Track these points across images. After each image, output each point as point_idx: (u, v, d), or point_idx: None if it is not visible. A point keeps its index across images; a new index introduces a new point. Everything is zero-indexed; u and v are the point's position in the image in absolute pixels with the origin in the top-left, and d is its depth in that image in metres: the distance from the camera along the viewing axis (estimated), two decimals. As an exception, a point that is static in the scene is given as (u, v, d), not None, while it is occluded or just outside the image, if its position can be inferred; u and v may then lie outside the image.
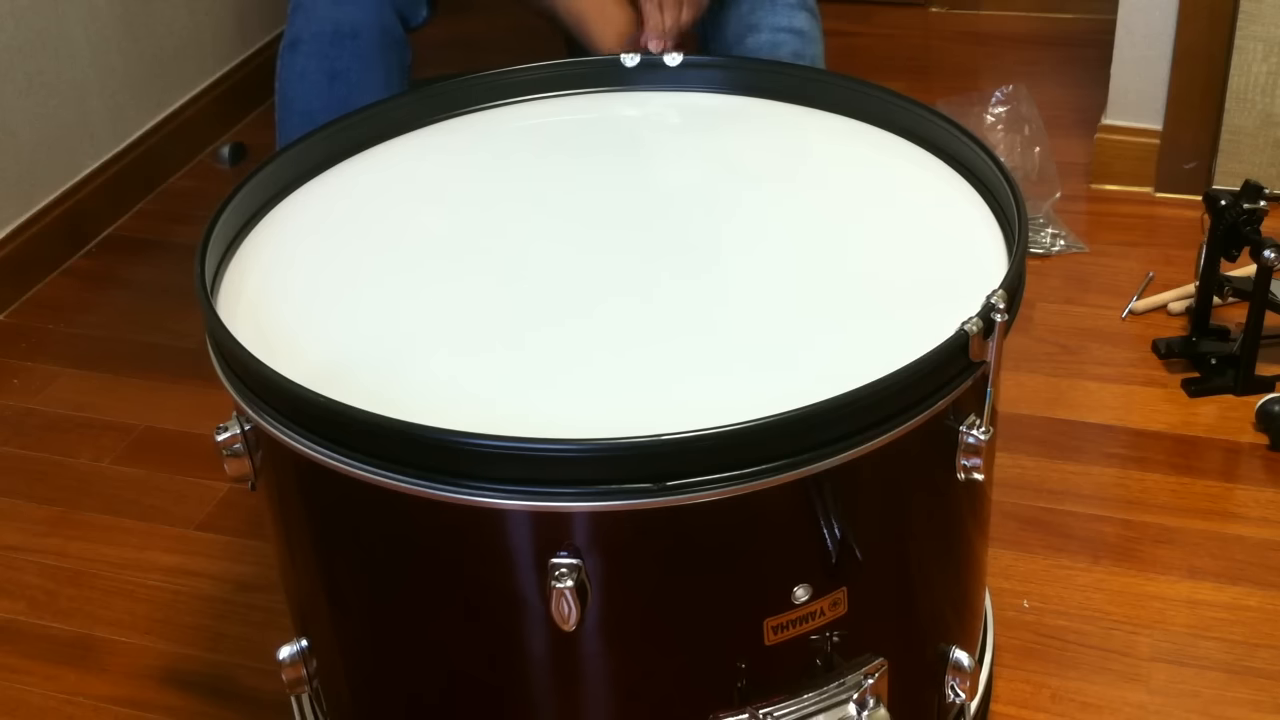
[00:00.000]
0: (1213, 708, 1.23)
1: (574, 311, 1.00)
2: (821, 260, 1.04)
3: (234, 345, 0.91)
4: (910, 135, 1.17)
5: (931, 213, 1.09)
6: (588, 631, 0.88)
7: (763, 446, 0.82)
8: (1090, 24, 2.46)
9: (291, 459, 0.92)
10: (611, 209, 1.12)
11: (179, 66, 2.28)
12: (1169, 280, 1.79)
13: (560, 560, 0.85)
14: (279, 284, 1.05)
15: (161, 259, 2.05)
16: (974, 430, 0.92)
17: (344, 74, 1.45)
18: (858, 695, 0.94)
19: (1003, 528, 1.43)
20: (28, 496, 1.60)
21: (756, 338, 0.96)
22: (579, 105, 1.28)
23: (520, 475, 0.82)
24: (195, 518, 1.54)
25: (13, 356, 1.85)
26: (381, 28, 1.46)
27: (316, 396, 0.86)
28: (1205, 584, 1.36)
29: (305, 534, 1.00)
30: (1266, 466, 1.50)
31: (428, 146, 1.23)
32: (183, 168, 2.28)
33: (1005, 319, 0.89)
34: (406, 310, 1.02)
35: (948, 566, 1.03)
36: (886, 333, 0.95)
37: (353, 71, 1.45)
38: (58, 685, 1.34)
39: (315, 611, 1.04)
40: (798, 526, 0.89)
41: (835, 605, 0.92)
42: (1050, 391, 1.63)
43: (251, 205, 1.12)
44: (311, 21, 1.46)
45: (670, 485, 0.82)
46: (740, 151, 1.21)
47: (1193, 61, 1.90)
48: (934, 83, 2.32)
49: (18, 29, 1.94)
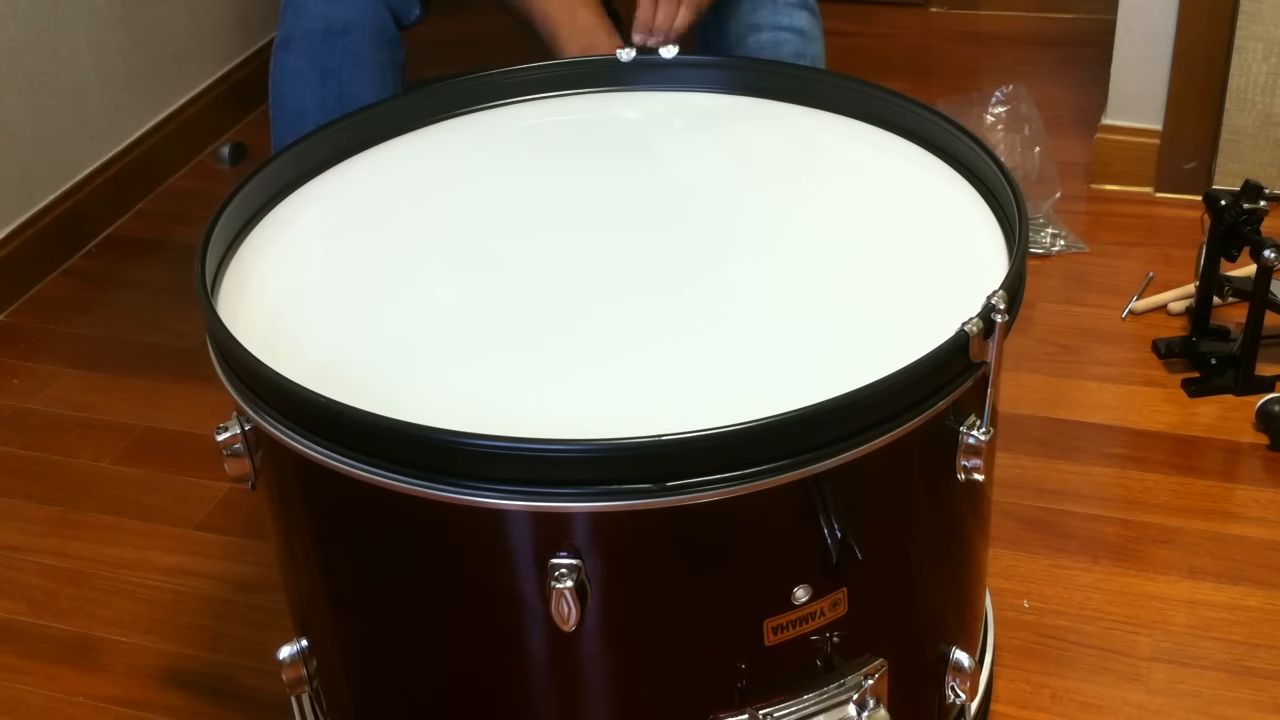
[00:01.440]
0: (1213, 708, 1.23)
1: (574, 312, 1.00)
2: (822, 260, 1.04)
3: (234, 345, 0.91)
4: (910, 135, 1.17)
5: (932, 213, 1.09)
6: (588, 632, 0.88)
7: (763, 447, 0.82)
8: (1090, 24, 2.46)
9: (291, 459, 0.92)
10: (612, 210, 1.12)
11: (179, 66, 2.28)
12: (1169, 280, 1.79)
13: (560, 560, 0.85)
14: (279, 284, 1.05)
15: (161, 259, 2.04)
16: (974, 431, 0.92)
17: (336, 72, 1.45)
18: (858, 696, 0.94)
19: (1003, 528, 1.43)
20: (28, 496, 1.59)
21: (756, 338, 0.96)
22: (579, 105, 1.28)
23: (520, 476, 0.82)
24: (195, 518, 1.54)
25: (13, 356, 1.85)
26: (374, 25, 1.46)
27: (316, 396, 0.86)
28: (1205, 584, 1.36)
29: (305, 534, 1.00)
30: (1266, 466, 1.50)
31: (428, 146, 1.23)
32: (183, 168, 2.28)
33: (1006, 319, 0.89)
34: (406, 310, 1.02)
35: (948, 567, 1.03)
36: (887, 333, 0.95)
37: (345, 69, 1.45)
38: (58, 685, 1.34)
39: (315, 611, 1.04)
40: (798, 527, 0.89)
41: (835, 606, 0.92)
42: (1050, 391, 1.63)
43: (252, 205, 1.12)
44: (303, 19, 1.46)
45: (670, 485, 0.82)
46: (741, 152, 1.21)
47: (1193, 61, 1.90)
48: (934, 83, 2.32)
49: (18, 29, 1.94)
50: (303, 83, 1.46)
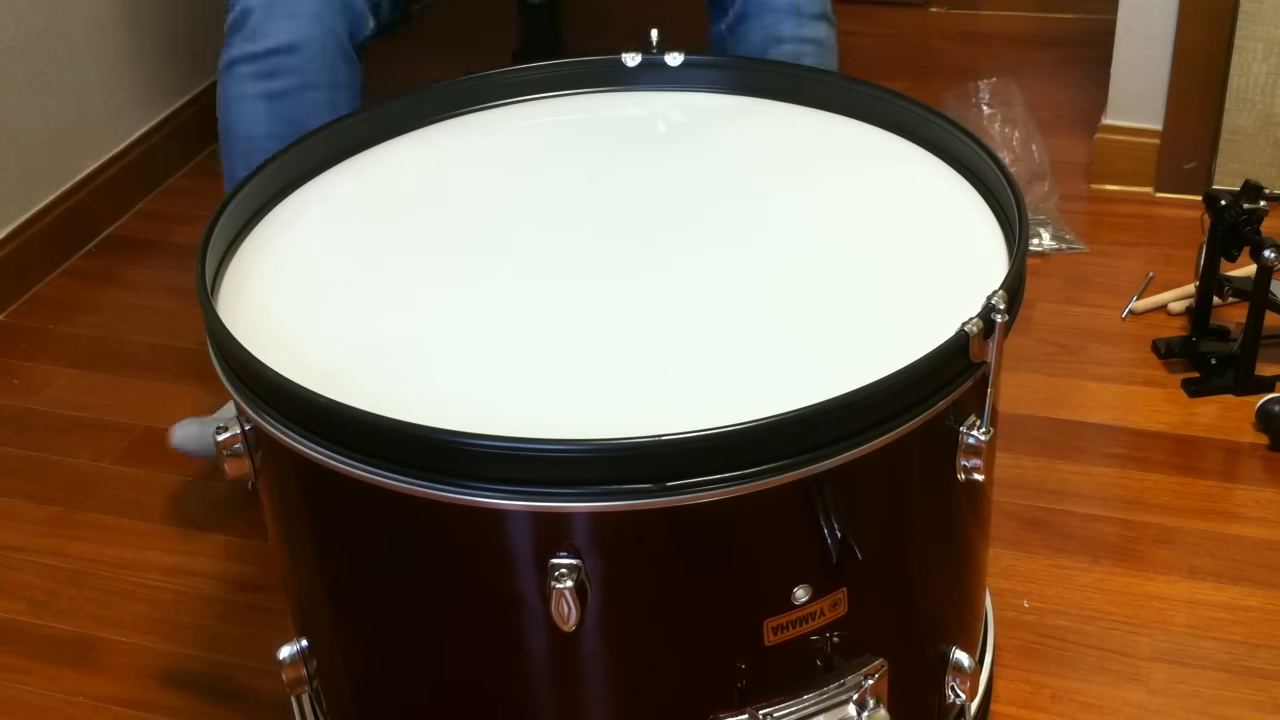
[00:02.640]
0: (1213, 708, 1.23)
1: (573, 313, 1.00)
2: (821, 261, 1.04)
3: (234, 345, 0.91)
4: (910, 135, 1.17)
5: (932, 213, 1.09)
6: (588, 632, 0.88)
7: (763, 447, 0.82)
8: (1090, 24, 2.46)
9: (291, 459, 0.92)
10: (611, 210, 1.12)
11: (179, 66, 2.28)
12: (1169, 280, 1.79)
13: (560, 560, 0.85)
14: (279, 284, 1.05)
15: (161, 259, 2.04)
16: (974, 431, 0.92)
17: (282, 95, 1.40)
18: (858, 696, 0.94)
19: (1003, 528, 1.43)
20: (28, 496, 1.59)
21: (756, 338, 0.96)
22: (580, 105, 1.28)
23: (520, 476, 0.82)
24: (195, 518, 1.54)
25: (13, 356, 1.85)
26: (323, 43, 1.40)
27: (316, 397, 0.86)
28: (1205, 584, 1.36)
29: (305, 534, 1.00)
30: (1266, 466, 1.50)
31: (428, 146, 1.23)
32: (183, 168, 2.28)
33: (1006, 319, 0.89)
34: (407, 310, 1.02)
35: (948, 567, 1.03)
36: (887, 333, 0.95)
37: (292, 91, 1.40)
38: (58, 685, 1.34)
39: (315, 612, 1.04)
40: (798, 527, 0.89)
41: (835, 606, 0.92)
42: (1050, 391, 1.63)
43: (252, 205, 1.12)
44: (248, 41, 1.41)
45: (670, 485, 0.82)
46: (741, 152, 1.21)
47: (1193, 61, 1.90)
48: (934, 83, 2.31)
49: (18, 29, 1.94)
50: (248, 108, 1.42)
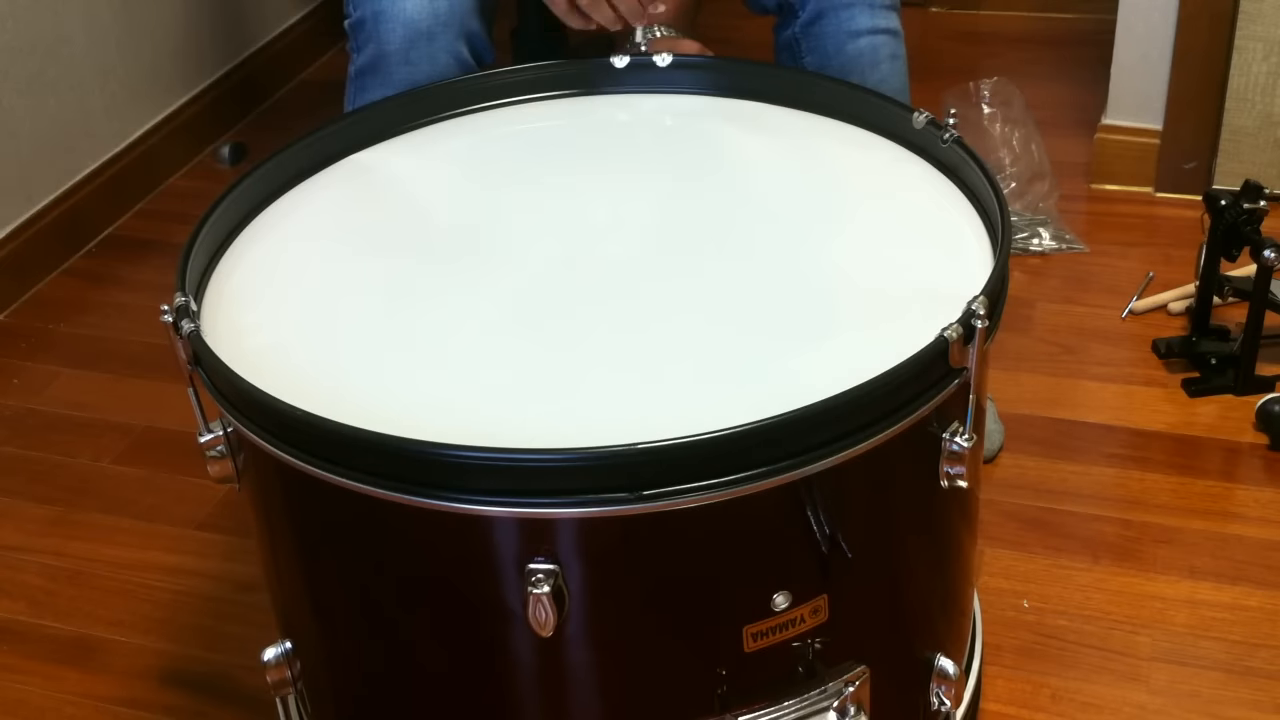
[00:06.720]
0: (1213, 708, 1.23)
1: (557, 317, 0.99)
2: (806, 265, 1.04)
3: (213, 359, 0.91)
4: (897, 138, 1.16)
5: (918, 217, 1.09)
6: (566, 637, 0.88)
7: (741, 454, 0.82)
8: (1090, 24, 2.46)
9: (272, 464, 0.91)
10: (598, 214, 1.12)
11: (179, 66, 2.28)
12: (1169, 280, 1.79)
13: (537, 566, 0.84)
14: (259, 292, 1.05)
15: (161, 259, 2.04)
16: (957, 438, 0.91)
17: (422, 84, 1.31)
18: (839, 703, 0.93)
19: (1003, 528, 1.43)
20: (28, 496, 1.60)
21: (738, 343, 0.95)
22: (568, 109, 1.27)
23: (497, 484, 0.82)
24: (195, 518, 1.54)
25: (13, 356, 1.85)
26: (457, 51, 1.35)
27: (294, 410, 0.85)
28: (1205, 584, 1.36)
29: (286, 537, 1.00)
30: (1266, 466, 1.50)
31: (417, 150, 1.22)
32: (183, 168, 2.28)
33: (986, 325, 0.88)
34: (387, 317, 1.01)
35: (931, 574, 1.02)
36: (870, 339, 0.95)
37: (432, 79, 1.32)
38: (58, 685, 1.34)
39: (297, 614, 1.04)
40: (776, 534, 0.88)
41: (816, 612, 0.91)
42: (1050, 391, 1.63)
43: (241, 209, 1.12)
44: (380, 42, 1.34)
45: (649, 493, 0.81)
46: (729, 155, 1.20)
47: (1193, 61, 1.90)
48: (934, 82, 2.31)
49: (18, 29, 1.94)
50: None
